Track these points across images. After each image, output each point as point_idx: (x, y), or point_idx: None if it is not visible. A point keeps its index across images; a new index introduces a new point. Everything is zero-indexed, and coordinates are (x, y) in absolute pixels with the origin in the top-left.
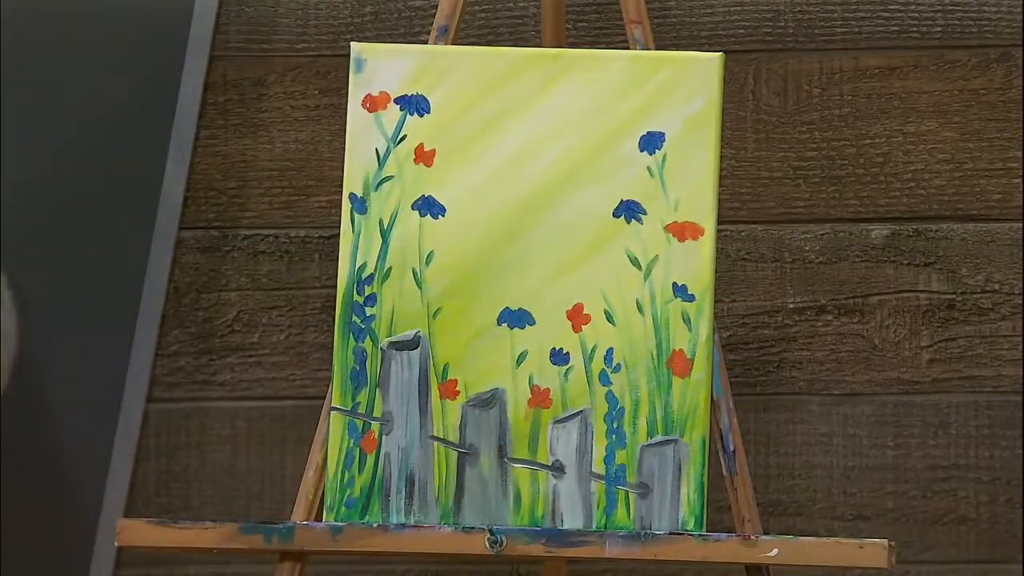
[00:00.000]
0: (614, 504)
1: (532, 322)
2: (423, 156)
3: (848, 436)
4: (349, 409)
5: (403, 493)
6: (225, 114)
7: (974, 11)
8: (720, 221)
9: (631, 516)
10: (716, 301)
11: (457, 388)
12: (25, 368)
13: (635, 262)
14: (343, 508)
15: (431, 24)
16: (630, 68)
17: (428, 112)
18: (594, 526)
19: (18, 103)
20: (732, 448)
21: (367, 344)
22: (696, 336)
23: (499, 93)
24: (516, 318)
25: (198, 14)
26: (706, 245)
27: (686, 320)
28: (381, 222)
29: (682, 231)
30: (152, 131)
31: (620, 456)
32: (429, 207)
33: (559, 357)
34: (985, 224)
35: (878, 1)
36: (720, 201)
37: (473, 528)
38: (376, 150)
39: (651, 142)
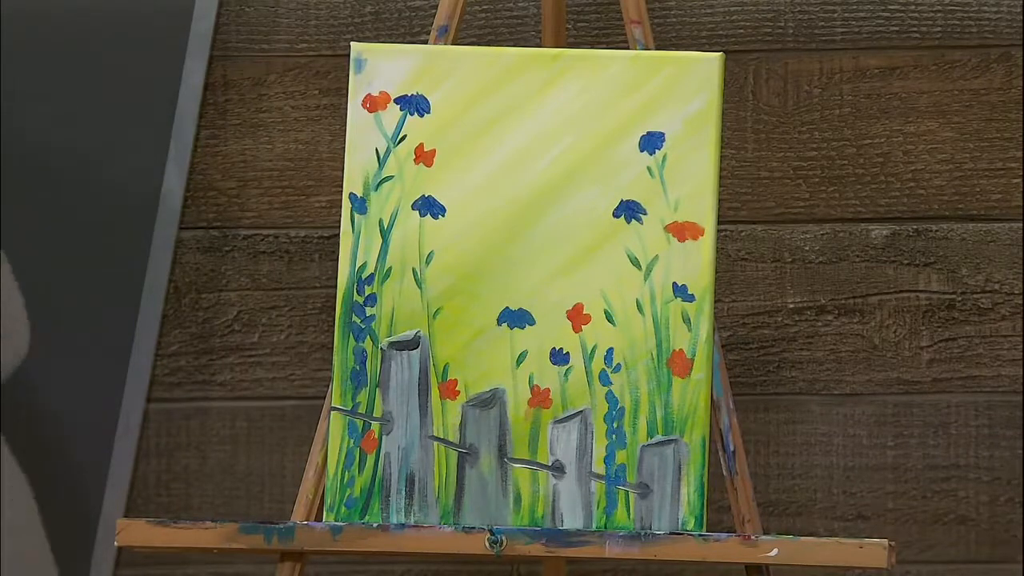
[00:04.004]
0: (614, 504)
1: (532, 322)
2: (423, 156)
3: (848, 436)
4: (349, 409)
5: (403, 493)
6: (225, 114)
7: (974, 11)
8: (720, 221)
9: (631, 516)
10: (716, 301)
11: (457, 388)
12: (26, 367)
13: (635, 262)
14: (343, 508)
15: (431, 24)
16: (630, 68)
17: (428, 112)
18: (594, 526)
19: (18, 103)
20: (732, 448)
21: (367, 344)
22: (696, 336)
23: (499, 93)
24: (516, 318)
25: (198, 14)
26: (706, 245)
27: (686, 320)
28: (381, 222)
29: (682, 231)
30: (152, 131)
31: (620, 456)
32: (429, 207)
33: (559, 357)
34: (985, 224)
35: (878, 1)
36: (720, 201)
37: (473, 528)
38: (376, 150)
39: (651, 142)
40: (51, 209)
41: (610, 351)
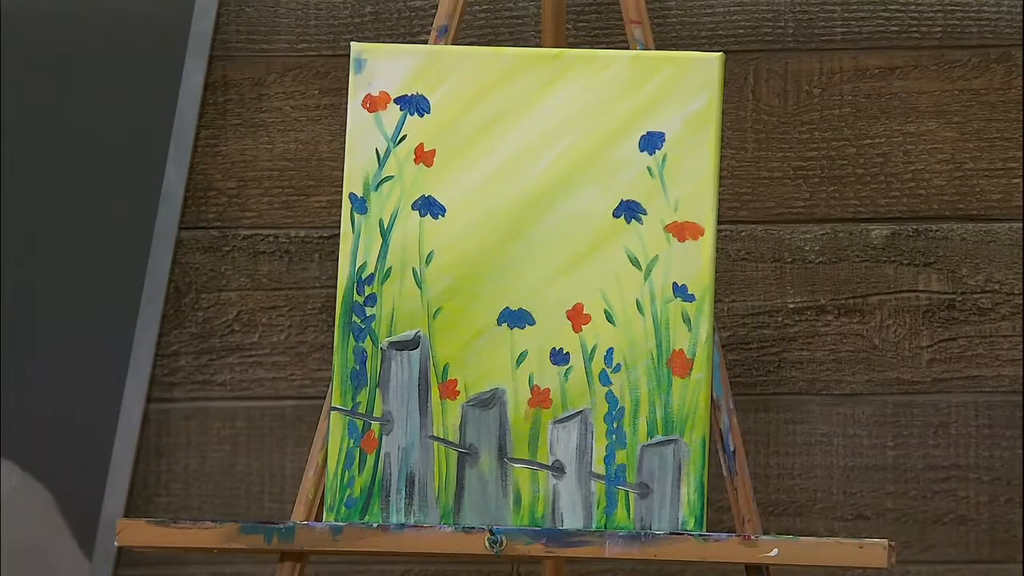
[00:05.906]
0: (614, 504)
1: (532, 322)
2: (423, 156)
3: (848, 436)
4: (349, 409)
5: (403, 493)
6: (225, 114)
7: (974, 11)
8: (720, 221)
9: (631, 516)
10: (716, 301)
11: (457, 388)
12: (25, 367)
13: (635, 262)
14: (343, 508)
15: (431, 24)
16: (630, 68)
17: (428, 112)
18: (594, 526)
19: (18, 103)
20: (732, 448)
21: (367, 344)
22: (696, 336)
23: (499, 93)
24: (516, 318)
25: (198, 14)
26: (706, 245)
27: (686, 320)
28: (381, 222)
29: (682, 231)
30: (152, 131)
31: (620, 456)
32: (429, 207)
33: (559, 357)
34: (985, 224)
35: (878, 1)
36: (720, 201)
37: (473, 528)
38: (376, 150)
39: (651, 142)
40: (51, 209)
41: (610, 351)
